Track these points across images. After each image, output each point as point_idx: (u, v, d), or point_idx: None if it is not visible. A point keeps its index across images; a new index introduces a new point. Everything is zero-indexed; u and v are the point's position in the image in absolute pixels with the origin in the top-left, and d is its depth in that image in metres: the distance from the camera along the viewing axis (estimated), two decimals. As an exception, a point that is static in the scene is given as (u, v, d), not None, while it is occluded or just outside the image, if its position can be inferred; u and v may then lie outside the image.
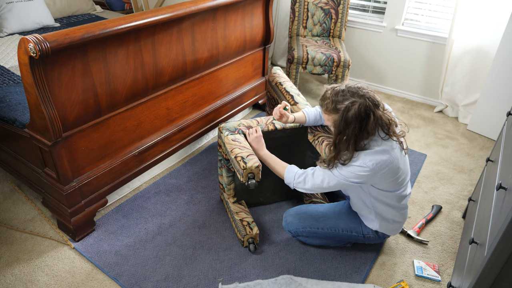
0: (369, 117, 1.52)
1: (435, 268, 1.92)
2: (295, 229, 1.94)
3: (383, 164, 1.57)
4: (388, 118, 1.59)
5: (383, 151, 1.57)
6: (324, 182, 1.66)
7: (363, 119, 1.52)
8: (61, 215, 1.99)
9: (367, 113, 1.52)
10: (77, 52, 1.67)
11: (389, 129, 1.58)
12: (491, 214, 1.33)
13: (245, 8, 2.56)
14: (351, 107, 1.51)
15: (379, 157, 1.56)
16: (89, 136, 1.89)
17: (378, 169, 1.57)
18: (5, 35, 3.03)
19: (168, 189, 2.38)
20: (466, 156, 2.81)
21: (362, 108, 1.51)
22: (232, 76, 2.72)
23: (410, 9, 3.33)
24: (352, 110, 1.51)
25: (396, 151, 1.61)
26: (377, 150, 1.57)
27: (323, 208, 1.96)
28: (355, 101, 1.52)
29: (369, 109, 1.52)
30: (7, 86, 2.27)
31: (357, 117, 1.51)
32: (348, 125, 1.53)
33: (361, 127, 1.53)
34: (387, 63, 3.58)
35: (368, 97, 1.53)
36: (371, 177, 1.59)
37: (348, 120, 1.52)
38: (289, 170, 1.78)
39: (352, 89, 1.56)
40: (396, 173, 1.62)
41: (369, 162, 1.55)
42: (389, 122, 1.58)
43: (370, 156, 1.56)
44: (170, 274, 1.85)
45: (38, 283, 1.81)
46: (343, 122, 1.54)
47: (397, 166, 1.61)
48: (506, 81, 2.72)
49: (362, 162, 1.56)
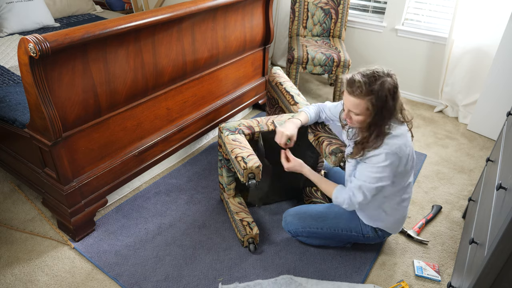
0: (397, 94, 1.57)
1: (435, 268, 1.92)
2: (294, 229, 1.94)
3: (403, 147, 1.60)
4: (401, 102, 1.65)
5: (400, 135, 1.61)
6: (367, 195, 1.67)
7: (394, 97, 1.56)
8: (61, 215, 1.99)
9: (395, 91, 1.56)
10: (77, 52, 1.67)
11: (402, 113, 1.63)
12: (491, 214, 1.33)
13: (245, 8, 2.56)
14: (383, 86, 1.53)
15: (398, 141, 1.59)
16: (89, 136, 1.89)
17: (402, 152, 1.60)
18: (5, 35, 3.03)
19: (168, 189, 2.38)
20: (466, 156, 2.81)
21: (391, 86, 1.55)
22: (232, 76, 2.72)
23: (410, 9, 3.33)
24: (385, 89, 1.53)
25: (408, 135, 1.66)
26: (394, 135, 1.60)
27: (323, 208, 1.96)
28: (384, 80, 1.54)
29: (396, 87, 1.57)
30: (7, 86, 2.27)
31: (390, 95, 1.55)
32: (384, 103, 1.55)
33: (393, 106, 1.57)
34: (387, 63, 3.57)
35: (392, 75, 1.57)
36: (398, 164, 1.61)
37: (382, 99, 1.54)
38: (338, 192, 1.77)
39: (379, 70, 1.57)
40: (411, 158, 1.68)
41: (392, 147, 1.58)
42: (402, 106, 1.64)
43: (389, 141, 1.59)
44: (170, 274, 1.85)
45: (38, 283, 1.81)
46: (380, 101, 1.55)
47: (412, 149, 1.67)
48: (506, 81, 2.72)
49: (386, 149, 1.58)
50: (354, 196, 1.69)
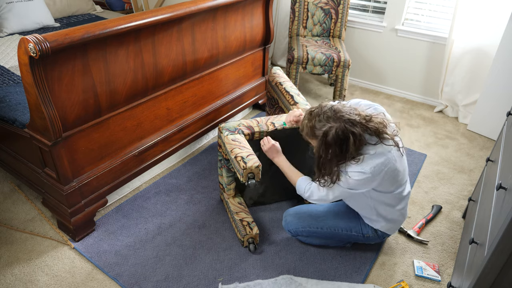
0: (348, 139, 1.52)
1: (435, 268, 1.92)
2: (294, 229, 1.94)
3: (381, 166, 1.57)
4: (375, 126, 1.57)
5: (378, 154, 1.58)
6: (329, 195, 1.67)
7: (343, 142, 1.53)
8: (61, 215, 1.99)
9: (346, 135, 1.52)
10: (77, 52, 1.67)
11: (379, 135, 1.58)
12: (491, 214, 1.33)
13: (245, 8, 2.56)
14: (329, 132, 1.53)
15: (376, 160, 1.57)
16: (89, 136, 1.89)
17: (376, 172, 1.57)
18: (5, 35, 3.03)
19: (168, 189, 2.38)
20: (466, 156, 2.81)
21: (339, 132, 1.52)
22: (232, 76, 2.72)
23: (410, 9, 3.33)
24: (329, 135, 1.53)
25: (393, 152, 1.61)
26: (372, 154, 1.57)
27: (323, 208, 1.96)
28: (331, 126, 1.53)
29: (347, 131, 1.52)
30: (7, 86, 2.27)
31: (336, 141, 1.53)
32: (328, 149, 1.55)
33: (342, 149, 1.54)
34: (387, 63, 3.58)
35: (344, 119, 1.53)
36: (371, 181, 1.60)
37: (328, 144, 1.54)
38: (300, 182, 1.79)
39: (327, 112, 1.56)
40: (395, 174, 1.63)
41: (367, 167, 1.56)
42: (377, 129, 1.57)
43: (366, 161, 1.56)
44: (170, 274, 1.85)
45: (38, 283, 1.81)
46: (323, 147, 1.56)
47: (394, 166, 1.61)
48: (506, 81, 2.72)
49: (360, 168, 1.57)
50: (318, 190, 1.70)
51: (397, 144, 1.63)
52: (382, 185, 1.65)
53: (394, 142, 1.61)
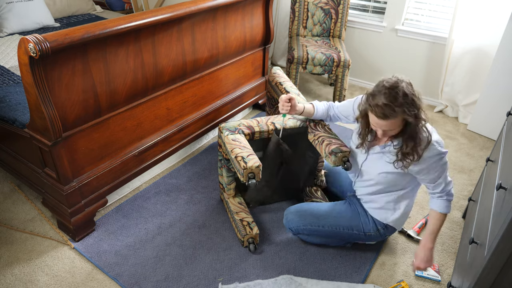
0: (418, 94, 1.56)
1: (435, 268, 1.92)
2: (295, 227, 1.94)
3: (440, 138, 1.66)
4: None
5: (431, 129, 1.64)
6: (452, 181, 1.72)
7: (414, 93, 1.54)
8: (61, 215, 1.99)
9: (412, 86, 1.55)
10: (77, 52, 1.67)
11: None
12: (491, 214, 1.33)
13: (245, 8, 2.56)
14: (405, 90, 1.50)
15: (435, 134, 1.64)
16: (89, 136, 1.89)
17: (441, 142, 1.65)
18: (5, 35, 3.03)
19: (168, 189, 2.38)
20: (466, 156, 2.81)
21: (409, 85, 1.53)
22: (232, 76, 2.72)
23: (410, 9, 3.33)
24: (408, 93, 1.50)
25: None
26: (432, 129, 1.63)
27: (324, 206, 1.96)
28: (401, 86, 1.51)
29: (410, 82, 1.55)
30: (7, 86, 2.27)
31: (413, 93, 1.53)
32: (415, 105, 1.53)
33: (419, 99, 1.55)
34: (387, 63, 3.58)
35: (398, 76, 1.56)
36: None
37: (412, 102, 1.51)
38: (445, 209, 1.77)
39: (388, 81, 1.55)
40: None
41: (441, 141, 1.64)
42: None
43: (434, 137, 1.62)
44: (170, 274, 1.85)
45: (38, 283, 1.81)
46: (411, 106, 1.52)
47: None
48: (506, 81, 2.72)
49: (437, 145, 1.61)
50: (450, 192, 1.72)
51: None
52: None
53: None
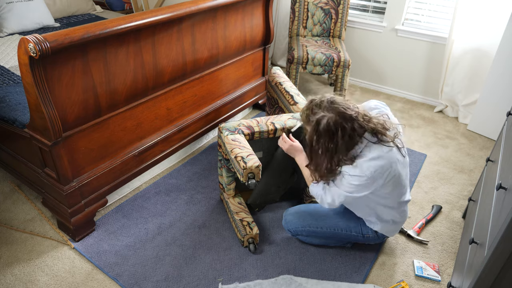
0: (338, 131, 1.52)
1: (435, 268, 1.92)
2: (294, 228, 1.94)
3: (382, 169, 1.57)
4: (372, 126, 1.57)
5: (378, 157, 1.56)
6: (335, 200, 1.68)
7: (333, 133, 1.53)
8: (61, 215, 1.99)
9: (336, 127, 1.53)
10: (77, 52, 1.67)
11: (378, 133, 1.58)
12: (491, 214, 1.33)
13: (245, 8, 2.56)
14: (321, 121, 1.54)
15: (375, 163, 1.56)
16: (89, 136, 1.89)
17: (377, 175, 1.57)
18: (5, 35, 3.03)
19: (168, 189, 2.38)
20: (466, 156, 2.81)
21: (330, 123, 1.52)
22: (232, 76, 2.72)
23: (410, 9, 3.33)
24: (321, 124, 1.54)
25: (394, 154, 1.60)
26: (372, 157, 1.56)
27: (323, 207, 1.96)
28: (324, 116, 1.54)
29: (337, 123, 1.52)
30: (7, 86, 2.27)
31: (326, 131, 1.53)
32: (318, 137, 1.56)
33: (332, 140, 1.54)
34: (387, 63, 3.58)
35: (338, 112, 1.53)
36: (371, 184, 1.59)
37: (318, 133, 1.55)
38: (313, 186, 1.78)
39: (325, 103, 1.57)
40: (396, 177, 1.63)
41: (367, 170, 1.56)
42: (375, 129, 1.57)
43: (366, 163, 1.56)
44: (170, 274, 1.85)
45: (38, 283, 1.81)
46: (315, 134, 1.57)
47: (397, 169, 1.61)
48: (506, 81, 2.72)
49: (360, 172, 1.56)
50: (325, 195, 1.71)
51: (397, 145, 1.61)
52: (384, 188, 1.65)
53: (394, 144, 1.60)
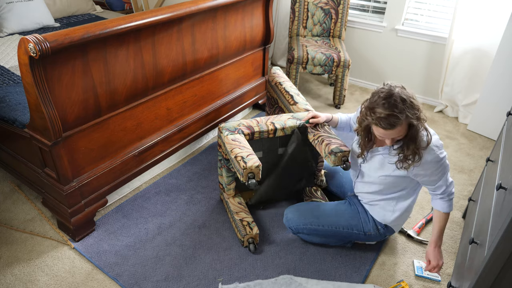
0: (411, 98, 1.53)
1: (435, 268, 1.92)
2: (295, 226, 1.94)
3: (438, 139, 1.67)
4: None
5: (433, 132, 1.65)
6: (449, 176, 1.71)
7: (409, 95, 1.53)
8: (61, 215, 1.99)
9: (405, 89, 1.55)
10: (77, 52, 1.67)
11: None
12: (491, 214, 1.33)
13: (245, 8, 2.56)
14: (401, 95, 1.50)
15: (434, 137, 1.65)
16: (89, 136, 1.89)
17: (439, 143, 1.66)
18: (5, 35, 3.03)
19: (168, 189, 2.38)
20: (466, 156, 2.81)
21: (403, 89, 1.53)
22: (232, 76, 2.72)
23: (410, 9, 3.33)
24: (404, 97, 1.50)
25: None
26: (432, 132, 1.64)
27: (324, 205, 1.96)
28: (395, 92, 1.50)
29: (403, 86, 1.56)
30: (7, 86, 2.27)
31: (409, 96, 1.52)
32: (414, 108, 1.53)
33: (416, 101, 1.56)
34: (387, 63, 3.58)
35: (390, 83, 1.56)
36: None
37: (411, 105, 1.51)
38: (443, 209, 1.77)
39: (381, 90, 1.54)
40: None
41: (439, 143, 1.64)
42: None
43: (433, 139, 1.62)
44: (170, 274, 1.85)
45: (38, 283, 1.81)
46: (411, 110, 1.51)
47: None
48: (506, 81, 2.72)
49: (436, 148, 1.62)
50: (451, 192, 1.72)
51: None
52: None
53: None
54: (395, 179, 1.73)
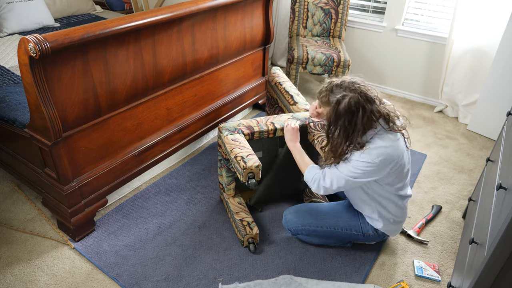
0: (359, 112, 1.54)
1: (435, 268, 1.92)
2: (294, 227, 1.94)
3: (391, 158, 1.58)
4: (387, 111, 1.60)
5: (389, 145, 1.58)
6: (334, 184, 1.68)
7: (353, 113, 1.54)
8: (61, 215, 1.99)
9: (357, 107, 1.54)
10: (77, 52, 1.67)
11: (389, 119, 1.60)
12: (491, 214, 1.33)
13: (245, 8, 2.56)
14: (342, 100, 1.55)
15: (386, 150, 1.57)
16: (89, 136, 1.89)
17: (385, 164, 1.58)
18: (5, 35, 3.03)
19: (168, 189, 2.38)
20: (466, 156, 2.81)
21: (352, 102, 1.54)
22: (232, 76, 2.72)
23: (410, 9, 3.33)
24: (342, 103, 1.55)
25: (402, 143, 1.63)
26: (383, 145, 1.58)
27: (323, 206, 1.96)
28: (345, 95, 1.55)
29: (359, 103, 1.54)
30: (7, 86, 2.27)
31: (346, 110, 1.54)
32: (338, 117, 1.57)
33: (351, 121, 1.55)
34: (387, 63, 3.58)
35: (360, 92, 1.55)
36: (377, 172, 1.60)
37: (338, 112, 1.56)
38: (309, 170, 1.79)
39: (346, 83, 1.58)
40: (401, 168, 1.65)
41: (376, 158, 1.57)
42: (388, 114, 1.60)
43: (376, 150, 1.57)
44: (170, 274, 1.85)
45: (38, 283, 1.80)
46: (334, 114, 1.58)
47: (402, 159, 1.63)
48: (506, 81, 2.72)
49: (368, 158, 1.57)
50: (323, 179, 1.70)
51: (404, 136, 1.65)
52: (387, 178, 1.66)
53: (402, 134, 1.64)
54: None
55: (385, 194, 1.73)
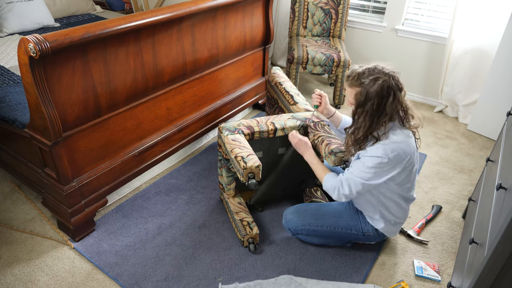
0: (389, 96, 1.54)
1: (435, 268, 1.92)
2: (294, 227, 1.94)
3: (404, 155, 1.59)
4: (409, 106, 1.61)
5: (403, 141, 1.58)
6: (353, 190, 1.67)
7: (384, 96, 1.54)
8: (61, 215, 1.99)
9: (389, 92, 1.54)
10: (77, 52, 1.67)
11: (407, 115, 1.60)
12: (491, 214, 1.33)
13: (245, 8, 2.56)
14: (375, 82, 1.54)
15: (399, 146, 1.57)
16: (89, 136, 1.89)
17: (398, 161, 1.58)
18: (5, 35, 3.03)
19: (168, 189, 2.38)
20: (466, 156, 2.81)
21: (384, 85, 1.53)
22: (232, 76, 2.72)
23: (410, 9, 3.33)
24: (375, 85, 1.53)
25: (413, 142, 1.64)
26: (397, 140, 1.58)
27: (323, 206, 1.96)
28: (379, 77, 1.54)
29: (391, 88, 1.54)
30: (7, 86, 2.27)
31: (378, 93, 1.53)
32: (367, 99, 1.55)
33: (380, 104, 1.54)
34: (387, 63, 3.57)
35: (393, 77, 1.56)
36: (389, 170, 1.60)
37: (369, 94, 1.54)
38: (327, 179, 1.77)
39: (380, 67, 1.58)
40: (412, 164, 1.65)
41: (391, 153, 1.57)
42: (408, 109, 1.60)
43: (391, 145, 1.57)
44: (170, 274, 1.85)
45: (38, 283, 1.81)
46: (364, 95, 1.55)
47: (414, 156, 1.64)
48: (506, 81, 2.72)
49: (382, 153, 1.57)
50: (342, 187, 1.70)
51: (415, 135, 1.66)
52: (399, 176, 1.65)
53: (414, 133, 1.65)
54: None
55: (391, 195, 1.73)
